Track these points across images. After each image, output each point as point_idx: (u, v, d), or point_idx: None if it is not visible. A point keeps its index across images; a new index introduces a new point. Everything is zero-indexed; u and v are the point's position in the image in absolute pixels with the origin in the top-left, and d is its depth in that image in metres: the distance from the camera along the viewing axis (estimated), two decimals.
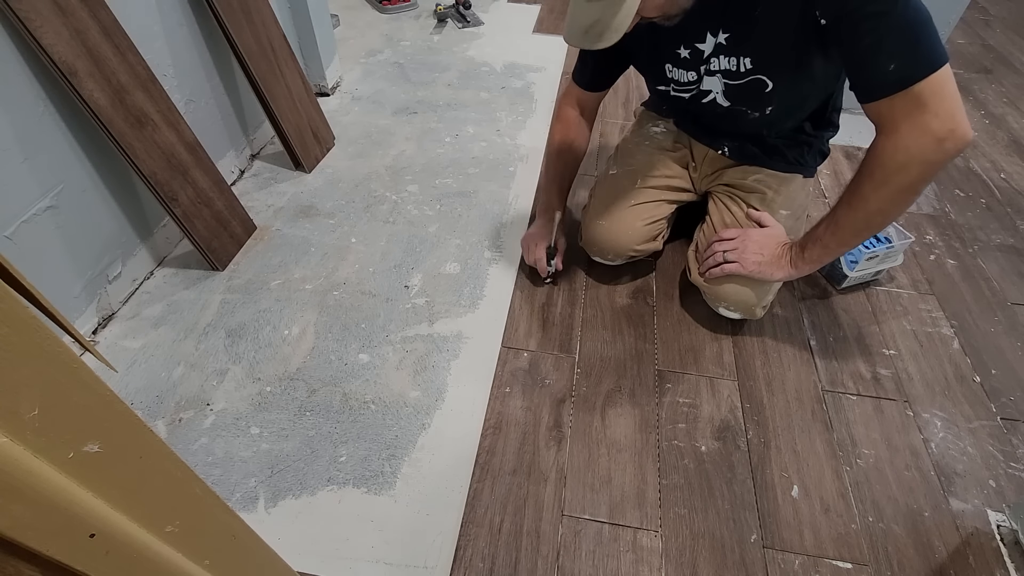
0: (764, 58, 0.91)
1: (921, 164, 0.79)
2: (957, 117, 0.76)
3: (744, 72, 0.93)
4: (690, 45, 0.96)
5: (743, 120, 1.04)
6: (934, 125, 0.76)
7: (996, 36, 2.42)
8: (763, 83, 0.94)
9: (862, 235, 0.91)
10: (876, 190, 0.84)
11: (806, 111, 1.04)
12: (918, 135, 0.77)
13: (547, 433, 1.03)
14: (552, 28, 2.39)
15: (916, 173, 0.80)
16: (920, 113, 0.77)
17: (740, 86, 0.96)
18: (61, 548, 0.30)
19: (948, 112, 0.76)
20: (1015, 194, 1.59)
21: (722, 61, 0.94)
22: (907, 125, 0.78)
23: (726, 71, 0.95)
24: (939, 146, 0.77)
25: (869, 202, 0.86)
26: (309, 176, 1.59)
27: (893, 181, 0.82)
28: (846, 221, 0.90)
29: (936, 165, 0.79)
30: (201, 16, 1.33)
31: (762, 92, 0.95)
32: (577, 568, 0.87)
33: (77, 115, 1.04)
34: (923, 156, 0.78)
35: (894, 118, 0.79)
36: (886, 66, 0.76)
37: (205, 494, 0.42)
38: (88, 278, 1.13)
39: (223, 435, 1.01)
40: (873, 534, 0.91)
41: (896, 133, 0.79)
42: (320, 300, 1.25)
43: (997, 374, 1.13)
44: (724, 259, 1.06)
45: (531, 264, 1.25)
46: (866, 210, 0.87)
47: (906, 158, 0.79)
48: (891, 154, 0.81)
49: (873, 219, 0.88)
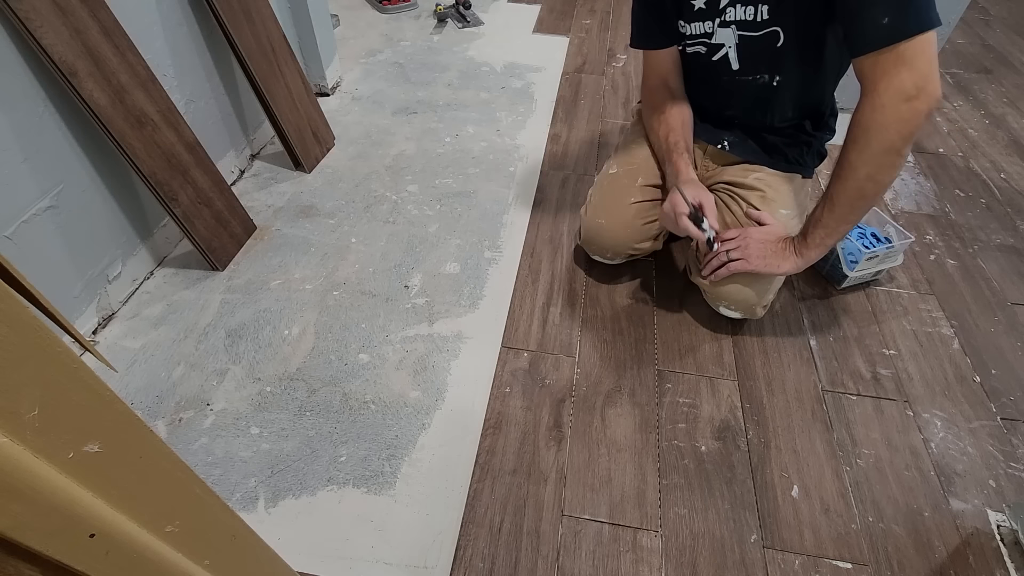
0: (779, 7, 0.92)
1: (897, 123, 0.82)
2: (929, 76, 0.79)
3: (761, 22, 0.95)
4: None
5: (753, 93, 1.05)
6: (907, 83, 0.80)
7: (996, 36, 2.42)
8: (776, 36, 0.95)
9: (857, 206, 0.92)
10: (860, 154, 0.87)
11: (808, 94, 1.05)
12: (892, 93, 0.81)
13: (547, 433, 1.03)
14: (552, 28, 2.39)
15: (895, 132, 0.83)
16: (897, 71, 0.80)
17: (755, 39, 0.98)
18: (61, 548, 0.30)
19: (922, 72, 0.79)
20: (1015, 194, 1.59)
21: (739, 10, 0.96)
22: (884, 83, 0.81)
23: (742, 22, 0.97)
24: (909, 104, 0.80)
25: (857, 169, 0.88)
26: (309, 176, 1.59)
27: (875, 142, 0.84)
28: (840, 194, 0.91)
29: (910, 123, 0.82)
30: (201, 16, 1.33)
31: (774, 47, 0.97)
32: (577, 568, 0.87)
33: (77, 115, 1.04)
34: (897, 114, 0.81)
35: (875, 76, 0.82)
36: (880, 18, 0.79)
37: (205, 494, 0.42)
38: (88, 278, 1.13)
39: (223, 435, 1.01)
40: (873, 534, 0.91)
41: (874, 92, 0.83)
42: (320, 300, 1.25)
43: (997, 374, 1.13)
44: (728, 258, 1.06)
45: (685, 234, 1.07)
46: (856, 178, 0.88)
47: (883, 118, 0.82)
48: (869, 114, 0.84)
49: (865, 187, 0.89)
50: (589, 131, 1.79)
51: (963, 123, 1.87)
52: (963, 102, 1.98)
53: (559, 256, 1.36)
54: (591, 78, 2.06)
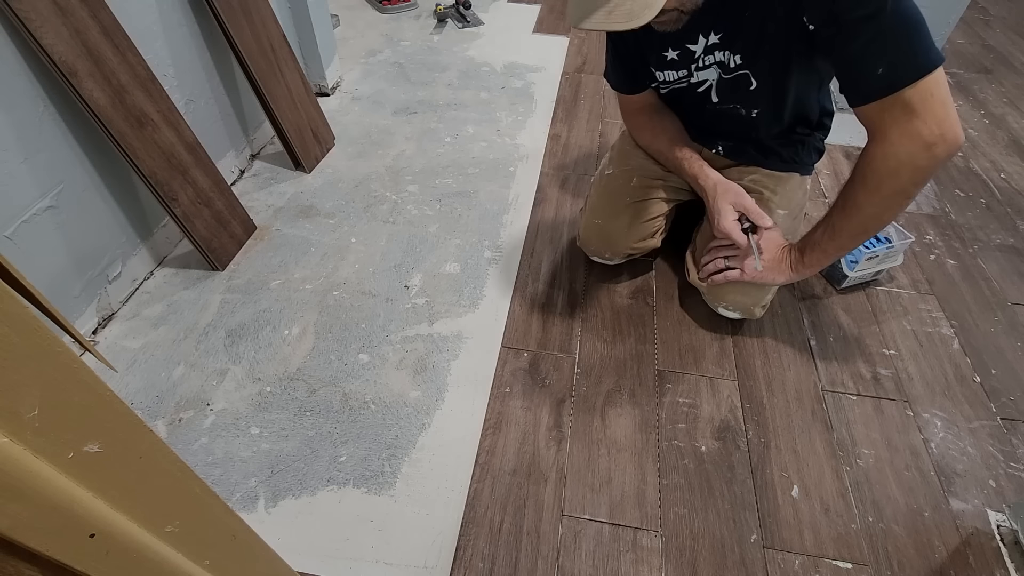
0: (750, 57, 0.92)
1: (912, 170, 0.79)
2: (947, 122, 0.75)
3: (734, 67, 0.95)
4: (680, 47, 0.97)
5: (735, 119, 1.04)
6: (923, 131, 0.76)
7: (996, 36, 2.42)
8: (748, 80, 0.95)
9: (859, 239, 0.91)
10: (869, 196, 0.84)
11: (793, 116, 1.04)
12: (907, 142, 0.77)
13: (547, 433, 1.03)
14: (552, 28, 2.39)
15: (907, 178, 0.80)
16: (908, 119, 0.76)
17: (729, 81, 0.97)
18: (61, 548, 0.30)
19: (937, 118, 0.75)
20: (1015, 194, 1.59)
21: (716, 55, 0.95)
22: (896, 131, 0.77)
23: (720, 63, 0.96)
24: (928, 152, 0.77)
25: (863, 208, 0.86)
26: (309, 176, 1.59)
27: (885, 187, 0.82)
28: (842, 227, 0.90)
29: (927, 171, 0.79)
30: (201, 16, 1.33)
31: (747, 90, 0.96)
32: (577, 568, 0.87)
33: (77, 115, 1.04)
34: (913, 162, 0.78)
35: (883, 124, 0.79)
36: (874, 70, 0.75)
37: (205, 494, 0.42)
38: (88, 278, 1.13)
39: (223, 435, 1.01)
40: (873, 534, 0.91)
41: (885, 140, 0.79)
42: (320, 300, 1.25)
43: (997, 374, 1.13)
44: (725, 265, 1.06)
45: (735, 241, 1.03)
46: (861, 216, 0.87)
47: (896, 164, 0.79)
48: (881, 160, 0.80)
49: (869, 223, 0.88)
50: (589, 131, 1.79)
51: (963, 123, 1.86)
52: (963, 102, 1.98)
53: (559, 256, 1.36)
54: (591, 78, 2.06)
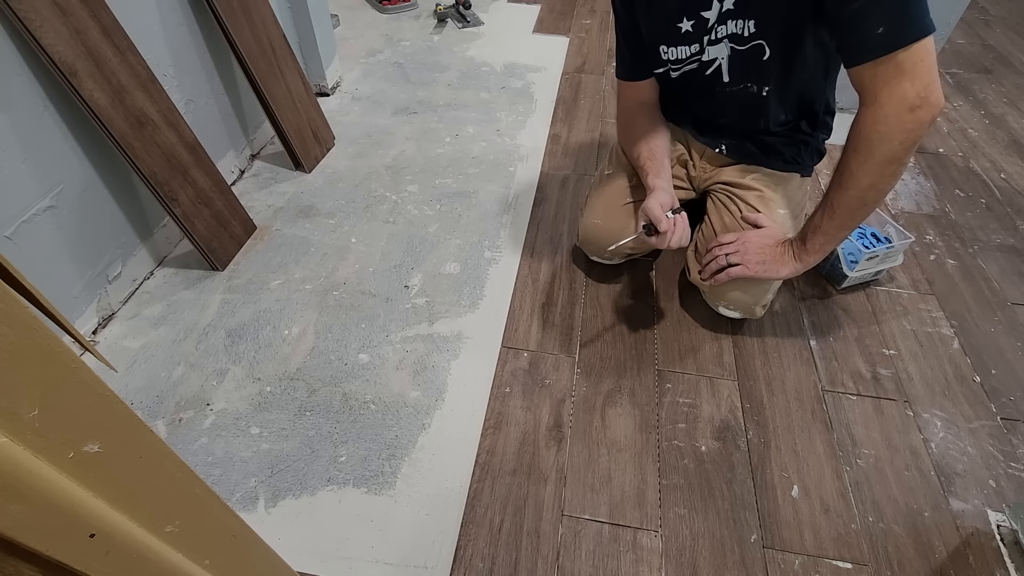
0: (765, 22, 0.92)
1: (900, 133, 0.81)
2: (931, 86, 0.78)
3: (747, 36, 0.95)
4: (694, 15, 0.97)
5: (744, 104, 1.04)
6: (909, 93, 0.78)
7: (996, 36, 2.42)
8: (762, 50, 0.95)
9: (858, 214, 0.91)
10: (863, 164, 0.85)
11: (799, 100, 1.05)
12: (895, 103, 0.80)
13: (547, 433, 1.03)
14: (552, 28, 2.39)
15: (897, 142, 0.82)
16: (899, 81, 0.79)
17: (743, 53, 0.97)
18: (61, 548, 0.30)
19: (924, 81, 0.78)
20: (1015, 194, 1.59)
21: (729, 26, 0.95)
22: (886, 93, 0.80)
23: (733, 35, 0.96)
24: (914, 114, 0.79)
25: (858, 178, 0.87)
26: (309, 176, 1.59)
27: (877, 153, 0.83)
28: (840, 202, 0.91)
29: (914, 133, 0.81)
30: (201, 16, 1.33)
31: (760, 61, 0.96)
32: (577, 568, 0.87)
33: (77, 115, 1.04)
34: (901, 125, 0.80)
35: (875, 87, 0.81)
36: (874, 29, 0.78)
37: (205, 494, 0.42)
38: (88, 278, 1.13)
39: (223, 435, 1.01)
40: (873, 534, 0.91)
41: (876, 103, 0.81)
42: (320, 300, 1.25)
43: (997, 374, 1.13)
44: (727, 262, 1.06)
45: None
46: (857, 187, 0.88)
47: (887, 129, 0.81)
48: (872, 125, 0.82)
49: (866, 195, 0.88)
50: (589, 131, 1.79)
51: (963, 123, 1.87)
52: (963, 102, 1.98)
53: (559, 256, 1.37)
54: (591, 78, 2.06)
